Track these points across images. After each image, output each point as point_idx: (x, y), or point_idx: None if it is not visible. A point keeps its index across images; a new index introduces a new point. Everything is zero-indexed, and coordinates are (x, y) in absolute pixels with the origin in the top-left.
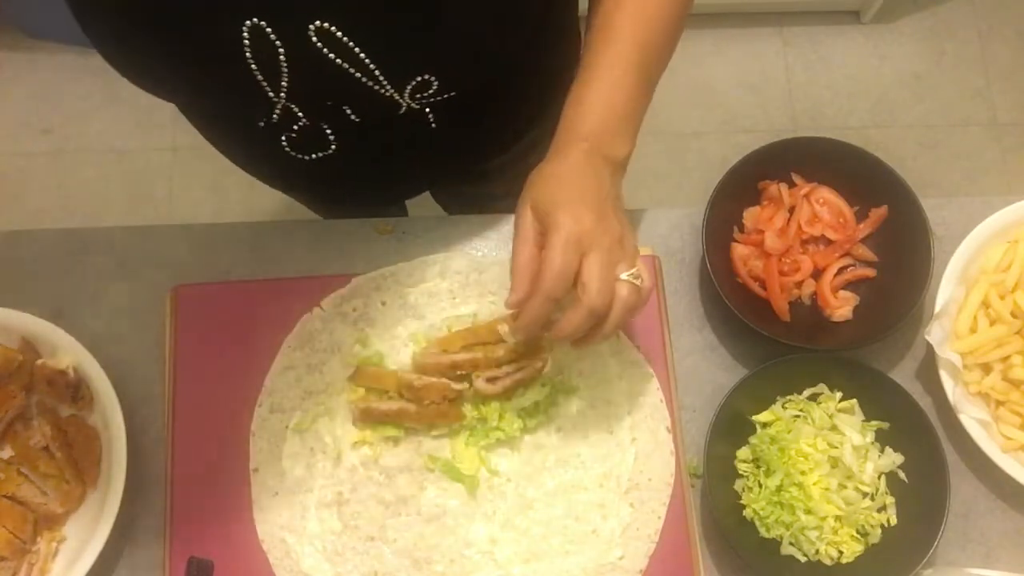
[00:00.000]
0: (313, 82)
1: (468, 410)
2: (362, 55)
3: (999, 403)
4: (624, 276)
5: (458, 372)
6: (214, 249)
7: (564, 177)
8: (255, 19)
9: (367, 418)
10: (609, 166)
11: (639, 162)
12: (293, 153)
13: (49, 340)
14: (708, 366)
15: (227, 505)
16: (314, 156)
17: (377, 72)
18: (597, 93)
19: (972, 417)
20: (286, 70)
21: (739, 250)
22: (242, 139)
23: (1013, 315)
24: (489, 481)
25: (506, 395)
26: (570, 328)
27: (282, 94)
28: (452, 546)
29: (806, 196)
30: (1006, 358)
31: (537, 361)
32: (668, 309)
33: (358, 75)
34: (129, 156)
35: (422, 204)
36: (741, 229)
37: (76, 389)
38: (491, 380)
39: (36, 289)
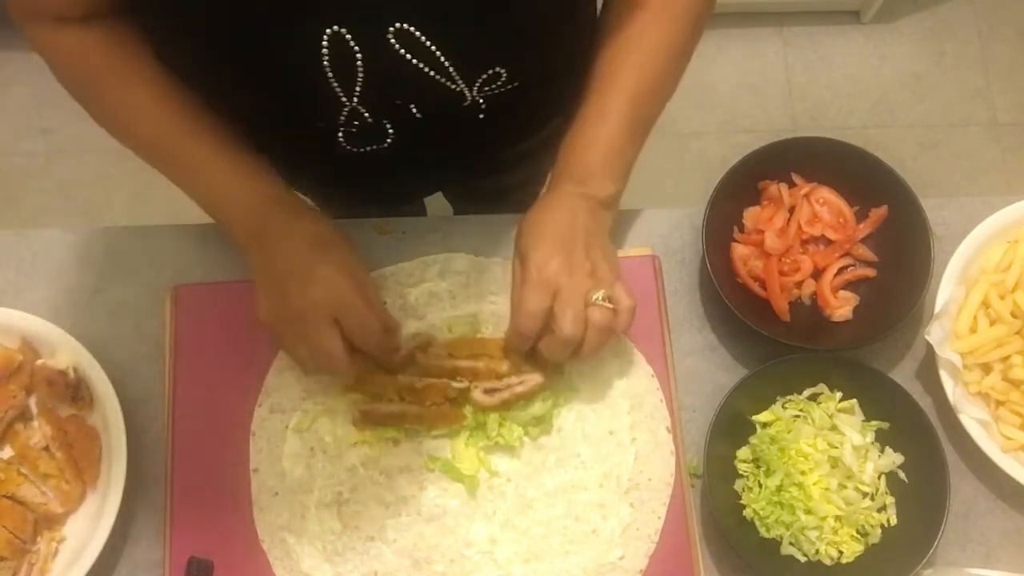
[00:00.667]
0: (387, 83)
1: (469, 411)
2: (438, 53)
3: (999, 403)
4: (596, 300)
5: (457, 377)
6: (214, 249)
7: (540, 222)
8: (336, 27)
9: (368, 420)
10: (590, 204)
11: (640, 162)
12: (348, 147)
13: (49, 340)
14: (708, 366)
15: (227, 505)
16: (367, 149)
17: (451, 69)
18: (586, 139)
19: (972, 417)
20: (362, 74)
21: (739, 250)
22: (295, 137)
23: (1013, 315)
24: (489, 481)
25: (504, 408)
26: (550, 355)
27: (354, 98)
28: (452, 546)
29: (806, 196)
30: (1006, 358)
31: (537, 375)
32: (668, 309)
33: (432, 73)
34: (129, 156)
35: (426, 202)
36: (741, 229)
37: (76, 389)
38: (489, 392)
39: (36, 289)
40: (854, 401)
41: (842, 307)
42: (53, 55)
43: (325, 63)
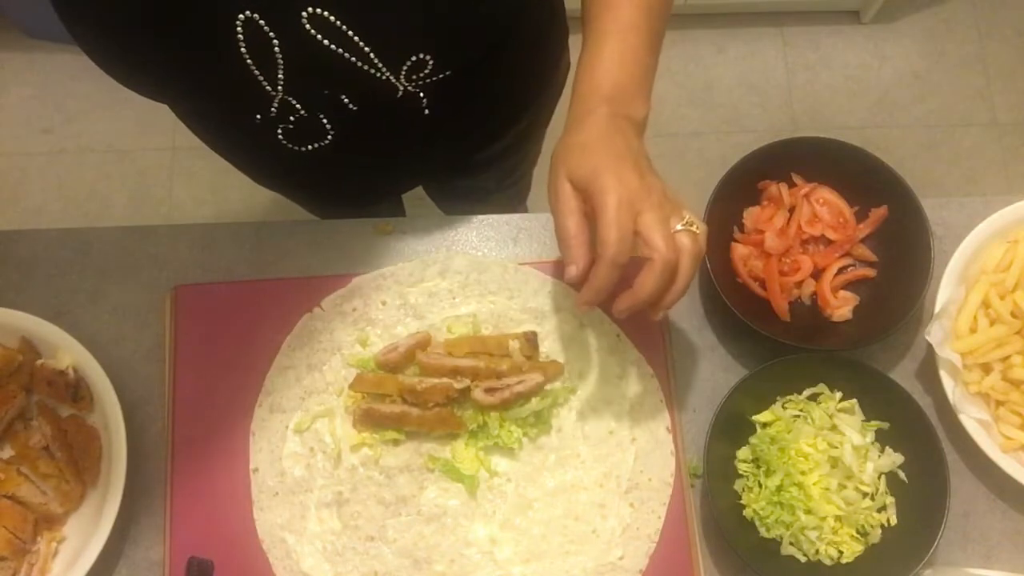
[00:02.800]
0: (309, 72)
1: (470, 416)
2: (356, 38)
3: (999, 403)
4: (679, 227)
5: (458, 377)
6: (214, 249)
7: (594, 143)
8: (248, 12)
9: (368, 420)
10: (632, 126)
11: None
12: (289, 145)
13: (49, 340)
14: (708, 366)
15: (227, 505)
16: (310, 147)
17: (372, 55)
18: (609, 57)
19: (972, 417)
20: (282, 62)
21: (739, 250)
22: (237, 135)
23: (1013, 315)
24: (489, 481)
25: (504, 406)
26: (647, 290)
27: (279, 87)
28: (452, 546)
29: (806, 196)
30: (1006, 358)
31: (538, 375)
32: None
33: (354, 60)
34: (129, 156)
35: (420, 204)
36: (741, 229)
37: (76, 389)
38: (490, 391)
39: (36, 289)
40: (854, 401)
41: (842, 307)
42: None
43: (243, 50)
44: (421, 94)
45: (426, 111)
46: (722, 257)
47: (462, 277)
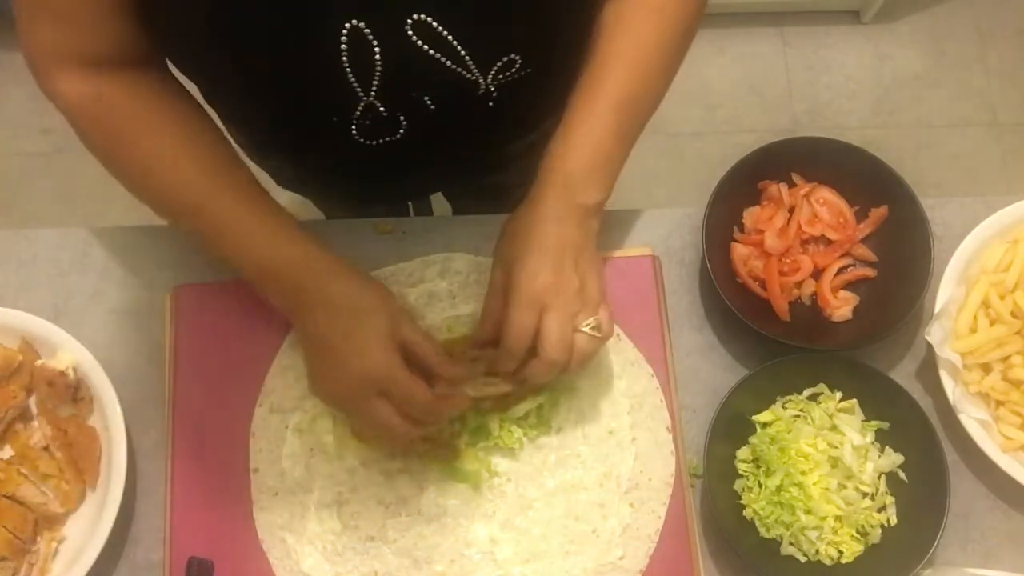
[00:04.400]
0: (403, 76)
1: (470, 416)
2: (455, 42)
3: (999, 403)
4: (583, 328)
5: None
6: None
7: (528, 229)
8: (354, 21)
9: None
10: (577, 213)
11: (639, 162)
12: (360, 139)
13: (49, 340)
14: (708, 366)
15: (227, 505)
16: (379, 142)
17: (467, 57)
18: (574, 142)
19: (972, 417)
20: (380, 68)
21: (739, 250)
22: (305, 134)
23: (1013, 315)
24: (489, 481)
25: (502, 407)
26: (535, 379)
27: (372, 92)
28: (452, 546)
29: (806, 196)
30: (1006, 358)
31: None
32: (668, 309)
33: (448, 63)
34: None
35: (420, 204)
36: (741, 229)
37: (76, 389)
38: (487, 385)
39: (36, 289)
40: (854, 401)
41: (842, 307)
42: (75, 106)
43: (344, 59)
44: (494, 90)
45: (491, 104)
46: (722, 257)
47: (462, 277)
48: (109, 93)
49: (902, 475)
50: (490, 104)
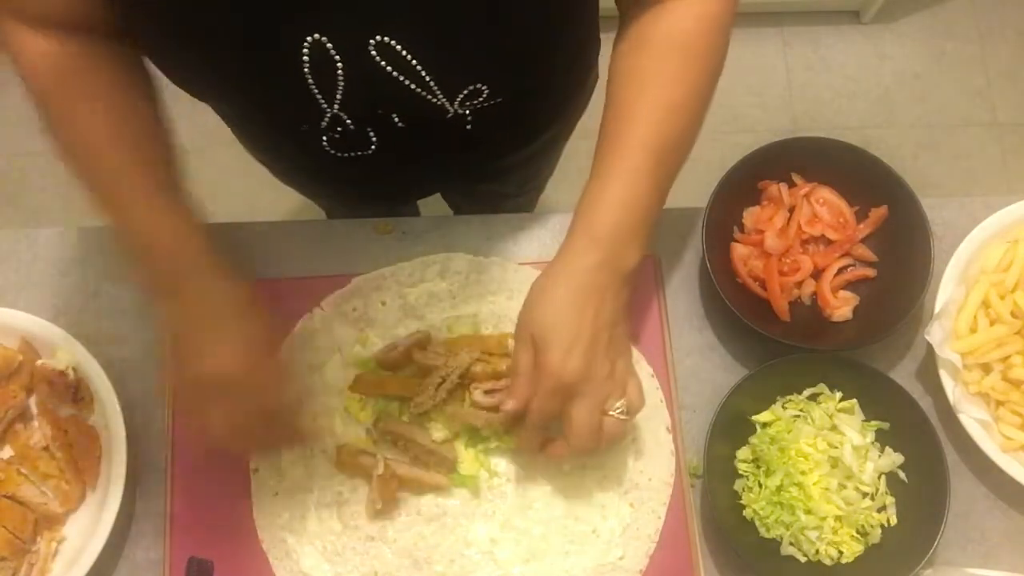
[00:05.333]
0: (367, 94)
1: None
2: (419, 67)
3: (999, 403)
4: (612, 412)
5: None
6: (214, 249)
7: (559, 302)
8: (317, 35)
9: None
10: (615, 283)
11: None
12: (331, 151)
13: (49, 340)
14: (708, 366)
15: (227, 505)
16: (352, 154)
17: (432, 83)
18: (611, 199)
19: (972, 417)
20: (342, 83)
21: (739, 250)
22: (280, 139)
23: (1013, 315)
24: (489, 481)
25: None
26: (559, 456)
27: (335, 105)
28: (452, 546)
29: (806, 196)
30: (1006, 358)
31: None
32: (668, 309)
33: (412, 86)
34: None
35: (423, 204)
36: (741, 229)
37: (76, 389)
38: (489, 392)
39: (36, 289)
40: (854, 401)
41: (842, 307)
42: (19, 56)
43: (306, 70)
44: (468, 114)
45: (468, 126)
46: (722, 257)
47: (462, 277)
48: (55, 49)
49: (902, 475)
50: (468, 127)
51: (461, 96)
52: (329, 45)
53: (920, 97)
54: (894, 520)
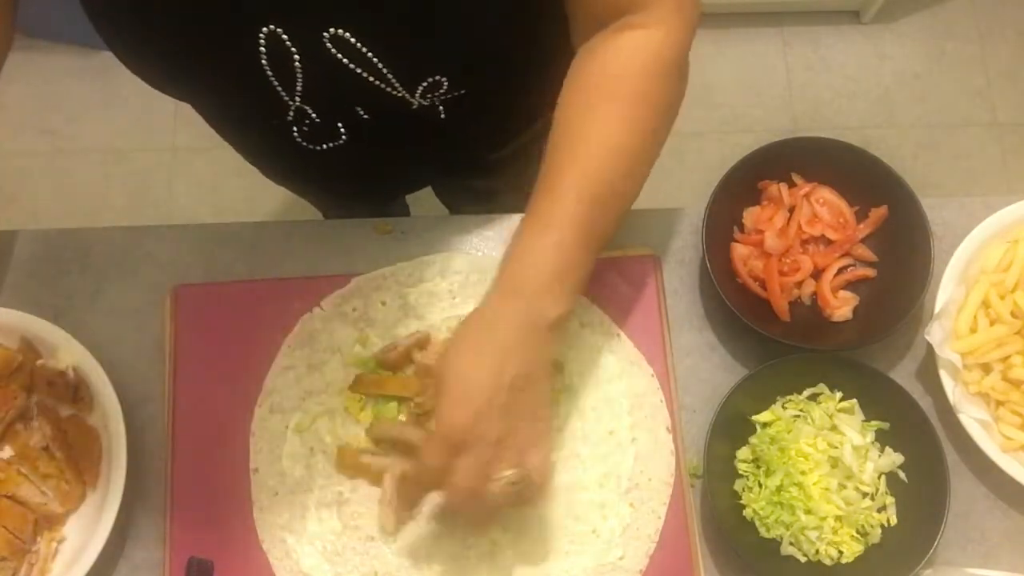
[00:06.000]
0: (327, 85)
1: None
2: (375, 59)
3: (999, 403)
4: (500, 478)
5: None
6: (214, 249)
7: (468, 354)
8: (271, 26)
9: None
10: (532, 336)
11: None
12: (305, 144)
13: (49, 340)
14: (708, 366)
15: (227, 505)
16: (325, 147)
17: (389, 75)
18: (533, 249)
19: (972, 417)
20: (300, 75)
21: (739, 250)
22: (254, 135)
23: (1013, 315)
24: None
25: None
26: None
27: (296, 97)
28: (452, 546)
29: (806, 196)
30: (1006, 358)
31: None
32: (668, 309)
33: (371, 78)
34: (129, 156)
35: (423, 204)
36: (741, 229)
37: (76, 389)
38: None
39: (36, 289)
40: (854, 401)
41: (842, 307)
42: None
43: (263, 62)
44: (438, 106)
45: (442, 117)
46: (722, 257)
47: (462, 277)
48: None
49: (902, 475)
50: (441, 117)
51: (421, 88)
52: (284, 36)
53: (920, 97)
54: (894, 520)
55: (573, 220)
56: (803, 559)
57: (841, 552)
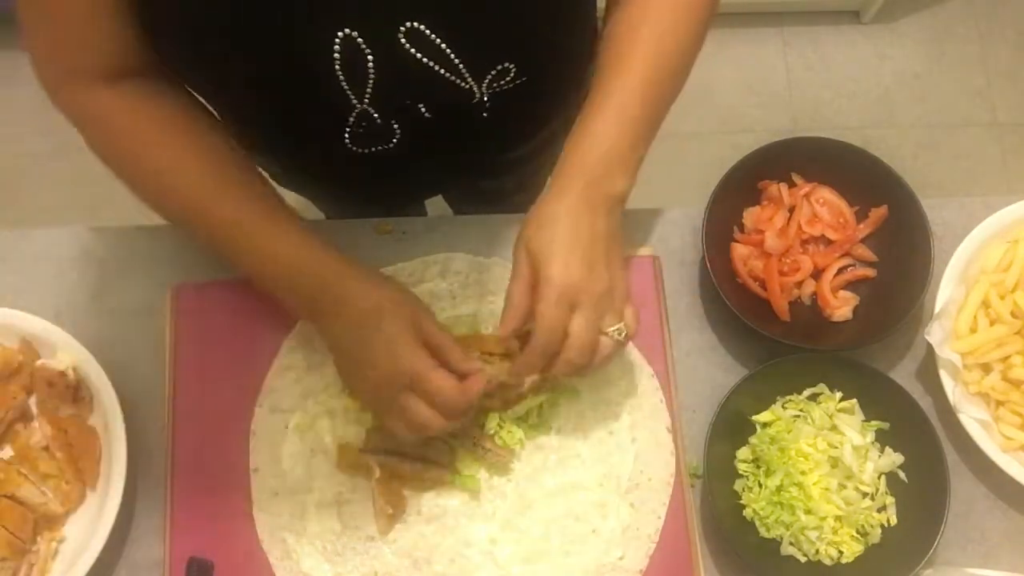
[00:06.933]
0: (397, 84)
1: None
2: (448, 51)
3: (999, 403)
4: (610, 331)
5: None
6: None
7: (558, 220)
8: (347, 30)
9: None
10: (607, 203)
11: None
12: (353, 148)
13: (49, 340)
14: (708, 366)
15: (227, 505)
16: (373, 150)
17: (461, 66)
18: (601, 128)
19: (972, 417)
20: (373, 76)
21: (739, 250)
22: (301, 140)
23: (1013, 315)
24: (489, 481)
25: (504, 407)
26: (553, 375)
27: (365, 100)
28: (452, 546)
29: (806, 196)
30: (1006, 358)
31: (536, 375)
32: (668, 309)
33: (442, 71)
34: None
35: (421, 204)
36: (741, 229)
37: (76, 389)
38: (489, 393)
39: (36, 289)
40: (854, 401)
41: (842, 307)
42: (89, 120)
43: (337, 67)
44: (486, 99)
45: (485, 114)
46: (722, 257)
47: (462, 277)
48: (117, 105)
49: (902, 475)
50: (484, 114)
51: (489, 77)
52: (360, 40)
53: (920, 97)
54: (894, 520)
55: (635, 100)
56: (803, 559)
57: (841, 552)
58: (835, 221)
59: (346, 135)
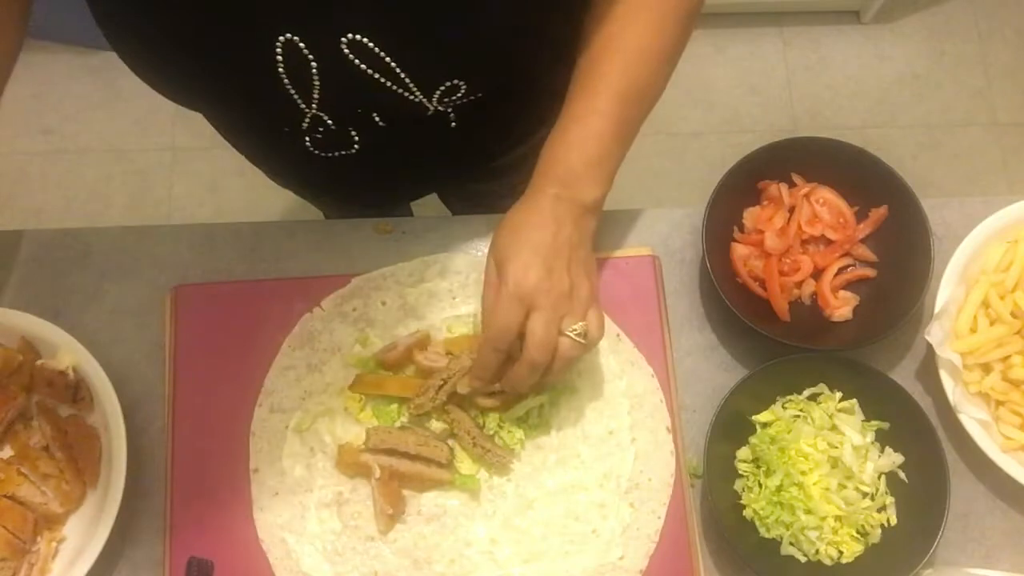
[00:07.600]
0: (344, 93)
1: (471, 417)
2: (393, 65)
3: (999, 403)
4: (569, 332)
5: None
6: (214, 249)
7: (523, 226)
8: (288, 35)
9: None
10: (575, 211)
11: (639, 162)
12: (315, 151)
13: (49, 340)
14: (708, 366)
15: (227, 505)
16: (337, 154)
17: (407, 80)
18: (572, 139)
19: (972, 417)
20: (318, 83)
21: (739, 250)
22: (264, 141)
23: (1013, 315)
24: (489, 481)
25: (504, 407)
26: (515, 379)
27: (313, 105)
28: (452, 546)
29: (806, 196)
30: (1006, 358)
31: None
32: (668, 309)
33: (388, 84)
34: (129, 156)
35: (423, 204)
36: (741, 229)
37: (76, 389)
38: (489, 394)
39: (36, 289)
40: (854, 401)
41: (842, 307)
42: None
43: (280, 70)
44: (450, 112)
45: (453, 124)
46: (722, 257)
47: (462, 277)
48: None
49: (902, 475)
50: (452, 125)
51: (439, 92)
52: (302, 44)
53: (920, 97)
54: (894, 520)
55: (604, 113)
56: (803, 559)
57: (841, 552)
58: (835, 221)
59: (306, 140)
